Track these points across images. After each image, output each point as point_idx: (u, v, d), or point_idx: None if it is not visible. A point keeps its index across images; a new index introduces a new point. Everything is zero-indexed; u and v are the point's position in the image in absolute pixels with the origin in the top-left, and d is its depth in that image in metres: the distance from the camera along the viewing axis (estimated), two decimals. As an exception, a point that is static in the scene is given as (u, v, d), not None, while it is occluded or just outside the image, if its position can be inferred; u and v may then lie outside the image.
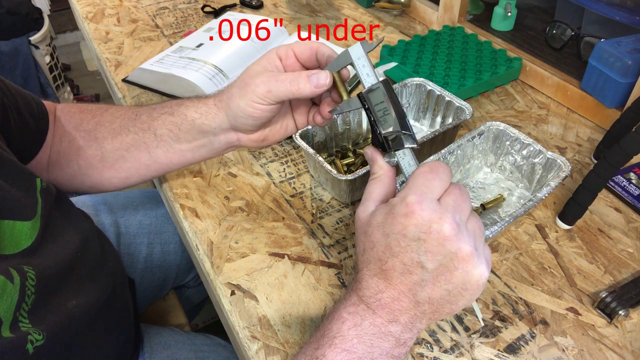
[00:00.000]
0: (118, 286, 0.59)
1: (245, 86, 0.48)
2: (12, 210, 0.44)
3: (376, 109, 0.43)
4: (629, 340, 0.48)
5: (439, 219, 0.36)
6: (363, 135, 0.71)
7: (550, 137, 0.72)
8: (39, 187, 0.50)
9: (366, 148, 0.45)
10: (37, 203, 0.48)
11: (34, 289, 0.42)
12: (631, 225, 0.59)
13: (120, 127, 0.58)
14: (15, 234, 0.44)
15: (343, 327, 0.38)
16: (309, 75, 0.46)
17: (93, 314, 0.51)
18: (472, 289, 0.37)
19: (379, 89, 0.43)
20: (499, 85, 0.83)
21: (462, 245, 0.36)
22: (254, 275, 0.54)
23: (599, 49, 0.70)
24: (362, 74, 0.44)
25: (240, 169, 0.67)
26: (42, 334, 0.42)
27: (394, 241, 0.37)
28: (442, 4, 0.94)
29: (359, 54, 0.45)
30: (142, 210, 0.83)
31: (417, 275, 0.37)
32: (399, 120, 0.43)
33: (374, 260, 0.39)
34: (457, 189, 0.38)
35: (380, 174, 0.43)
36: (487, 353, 0.47)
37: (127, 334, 0.61)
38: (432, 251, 0.36)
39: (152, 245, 0.81)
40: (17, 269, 0.41)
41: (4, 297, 0.39)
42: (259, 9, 1.09)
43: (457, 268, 0.36)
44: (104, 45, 0.96)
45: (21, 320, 0.41)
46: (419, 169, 0.40)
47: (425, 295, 0.37)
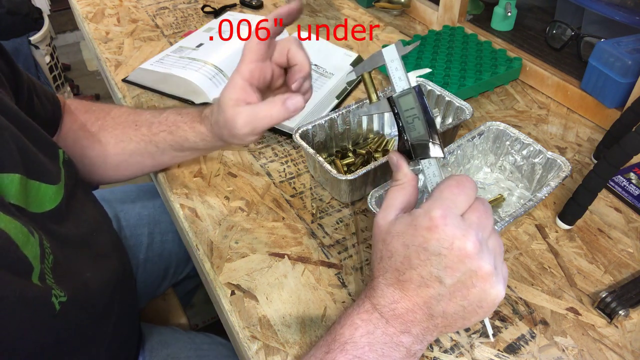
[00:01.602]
0: (125, 276, 0.60)
1: (232, 128, 0.50)
2: (40, 173, 0.46)
3: (405, 115, 0.42)
4: (629, 340, 0.48)
5: (462, 236, 0.35)
6: (363, 135, 0.71)
7: (550, 137, 0.72)
8: (61, 158, 0.52)
9: (391, 153, 0.44)
10: (60, 172, 0.50)
11: (50, 250, 0.44)
12: (631, 225, 0.59)
13: (122, 134, 0.60)
14: (41, 195, 0.46)
15: (355, 334, 0.38)
16: (284, 104, 0.47)
17: (109, 292, 0.53)
18: (487, 306, 0.37)
19: (410, 94, 0.42)
20: (499, 85, 0.83)
21: (482, 264, 0.35)
22: (254, 275, 0.54)
23: (599, 49, 0.70)
24: (394, 77, 0.43)
25: (240, 169, 0.67)
26: (64, 292, 0.43)
27: (414, 253, 0.37)
28: (442, 4, 0.94)
29: (393, 56, 0.43)
30: (139, 202, 0.85)
31: (434, 290, 0.37)
32: (428, 129, 0.42)
33: (391, 270, 0.38)
34: (482, 206, 0.38)
35: (404, 182, 0.42)
36: (487, 353, 0.47)
37: (132, 328, 0.61)
38: (451, 267, 0.36)
39: (152, 235, 0.82)
40: (35, 230, 0.43)
41: (28, 245, 0.40)
42: (259, 9, 1.09)
43: (475, 286, 0.36)
44: (104, 45, 0.96)
45: (47, 274, 0.42)
46: (445, 182, 0.39)
47: (440, 310, 0.37)
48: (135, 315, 0.64)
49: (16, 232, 0.39)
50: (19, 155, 0.43)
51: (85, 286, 0.48)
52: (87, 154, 0.60)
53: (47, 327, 0.41)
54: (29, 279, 0.39)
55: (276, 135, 0.73)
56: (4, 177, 0.41)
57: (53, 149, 0.51)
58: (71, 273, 0.46)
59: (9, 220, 0.39)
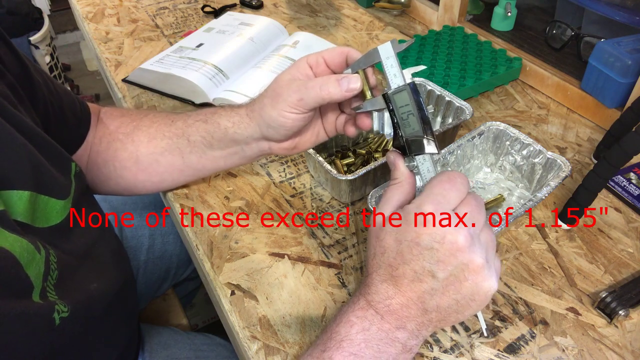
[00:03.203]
0: (127, 283, 0.60)
1: (276, 96, 0.48)
2: (50, 187, 0.46)
3: (400, 111, 0.43)
4: (629, 340, 0.48)
5: (453, 230, 0.36)
6: (363, 135, 0.71)
7: (550, 137, 0.72)
8: (73, 171, 0.51)
9: (388, 152, 0.44)
10: (70, 185, 0.50)
11: (56, 265, 0.44)
12: (631, 225, 0.59)
13: (156, 132, 0.59)
14: (48, 210, 0.46)
15: (351, 331, 0.38)
16: (338, 80, 0.45)
17: (109, 301, 0.52)
18: (479, 300, 0.37)
19: (405, 91, 0.43)
20: (499, 85, 0.83)
21: (474, 257, 0.36)
22: (254, 275, 0.54)
23: (599, 49, 0.70)
24: (390, 74, 0.43)
25: (240, 169, 0.67)
26: (67, 307, 0.43)
27: (407, 248, 0.37)
28: (442, 4, 0.94)
29: (388, 54, 0.43)
30: (140, 204, 0.85)
31: (427, 284, 0.37)
32: (422, 125, 0.42)
33: (384, 266, 0.39)
34: (474, 200, 0.38)
35: (401, 180, 0.42)
36: (487, 353, 0.47)
37: (131, 332, 0.62)
38: (443, 261, 0.36)
39: (153, 237, 0.82)
40: (42, 245, 0.42)
41: (33, 264, 0.40)
42: (259, 9, 1.09)
43: (467, 279, 0.36)
44: (104, 45, 0.96)
45: (49, 291, 0.42)
46: (437, 177, 0.39)
47: (434, 304, 0.37)
48: (135, 317, 0.64)
49: (22, 250, 0.39)
50: (31, 172, 0.43)
51: (90, 297, 0.48)
52: (118, 156, 0.60)
53: (44, 341, 0.41)
54: (29, 298, 0.39)
55: (276, 135, 0.73)
56: (13, 194, 0.42)
57: (66, 162, 0.51)
58: (75, 286, 0.47)
59: (15, 239, 0.39)
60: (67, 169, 0.51)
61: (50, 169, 0.47)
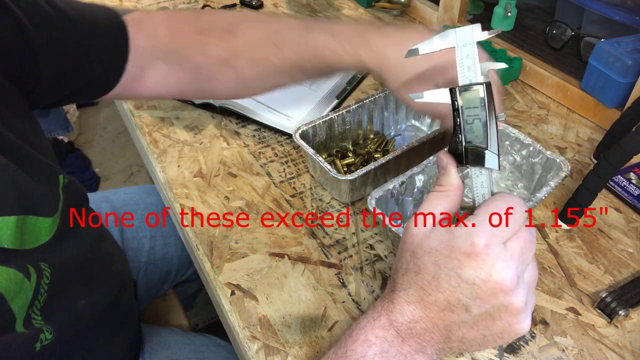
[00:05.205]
0: (124, 287, 0.60)
1: (402, 87, 0.47)
2: (37, 207, 0.44)
3: (466, 113, 0.37)
4: (629, 340, 0.48)
5: (501, 269, 0.33)
6: (363, 135, 0.71)
7: (550, 137, 0.72)
8: (61, 184, 0.50)
9: (442, 153, 0.39)
10: (59, 199, 0.49)
11: (47, 287, 0.43)
12: (631, 225, 0.59)
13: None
14: (37, 230, 0.44)
15: (369, 352, 0.36)
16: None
17: (100, 315, 0.52)
18: (507, 338, 0.36)
19: (478, 90, 0.36)
20: (499, 85, 0.83)
21: (514, 300, 0.34)
22: (253, 275, 0.54)
23: (599, 49, 0.70)
24: (463, 65, 0.36)
25: (240, 169, 0.67)
26: (52, 331, 0.43)
27: (445, 276, 0.34)
28: (442, 4, 0.94)
29: (467, 40, 0.36)
30: (142, 205, 0.84)
31: (458, 316, 0.35)
32: (489, 135, 0.36)
33: (415, 287, 0.36)
34: (528, 234, 0.35)
35: (448, 190, 0.38)
36: (487, 353, 0.47)
37: (131, 336, 0.61)
38: (482, 298, 0.34)
39: (154, 239, 0.82)
40: (34, 266, 0.41)
41: (20, 294, 0.39)
42: (259, 9, 1.09)
43: (502, 319, 0.34)
44: (104, 46, 0.96)
45: (34, 317, 0.41)
46: (495, 203, 0.35)
47: (460, 335, 0.35)
48: (135, 319, 0.64)
49: (8, 283, 0.38)
50: (16, 195, 0.42)
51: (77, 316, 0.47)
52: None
53: None
54: (12, 330, 0.39)
55: (276, 135, 0.73)
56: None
57: (53, 176, 0.49)
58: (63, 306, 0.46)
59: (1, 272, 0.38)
60: (55, 183, 0.49)
61: (37, 187, 0.45)
